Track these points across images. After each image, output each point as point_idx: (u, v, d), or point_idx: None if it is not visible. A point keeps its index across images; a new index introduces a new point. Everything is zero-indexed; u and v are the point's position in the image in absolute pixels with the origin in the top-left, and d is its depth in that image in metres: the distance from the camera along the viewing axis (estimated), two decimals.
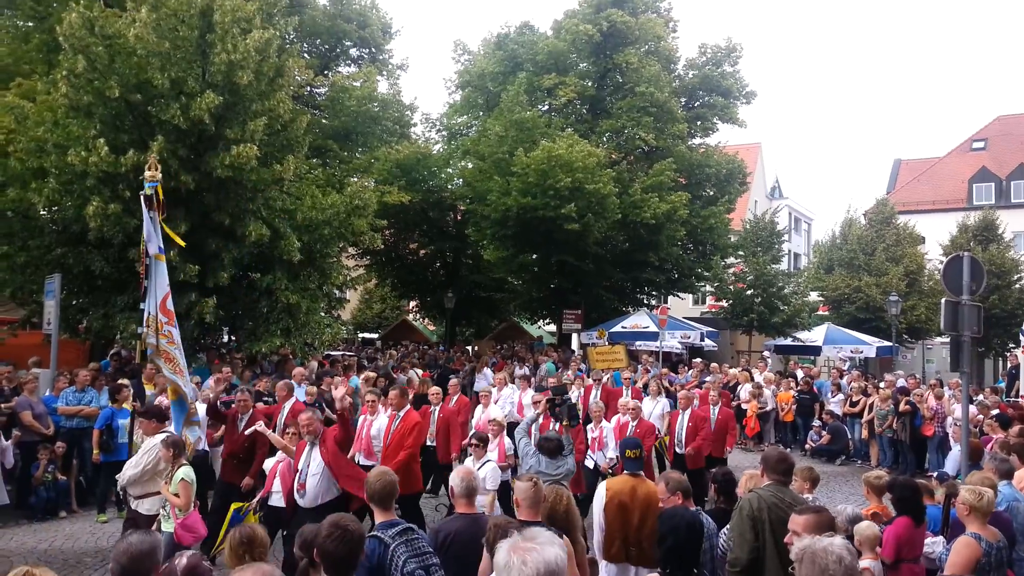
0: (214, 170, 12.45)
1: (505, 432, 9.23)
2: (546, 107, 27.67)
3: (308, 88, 22.26)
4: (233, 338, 15.99)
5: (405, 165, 24.47)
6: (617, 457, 8.70)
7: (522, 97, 24.76)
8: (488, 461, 7.89)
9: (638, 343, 25.27)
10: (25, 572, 3.24)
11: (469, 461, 7.92)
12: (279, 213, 13.67)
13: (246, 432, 8.38)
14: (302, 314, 13.78)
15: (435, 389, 11.32)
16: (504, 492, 8.00)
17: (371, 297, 42.04)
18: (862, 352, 26.12)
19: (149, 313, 8.38)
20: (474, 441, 8.16)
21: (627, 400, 10.83)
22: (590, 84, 27.52)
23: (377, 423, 9.31)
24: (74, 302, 13.41)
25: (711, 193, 27.91)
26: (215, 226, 13.05)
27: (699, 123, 28.63)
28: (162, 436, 7.07)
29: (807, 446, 16.49)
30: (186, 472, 6.60)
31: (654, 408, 12.18)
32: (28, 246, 12.91)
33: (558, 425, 8.45)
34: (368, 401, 9.57)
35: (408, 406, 9.02)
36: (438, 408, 10.83)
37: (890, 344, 27.00)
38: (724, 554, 5.21)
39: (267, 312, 13.53)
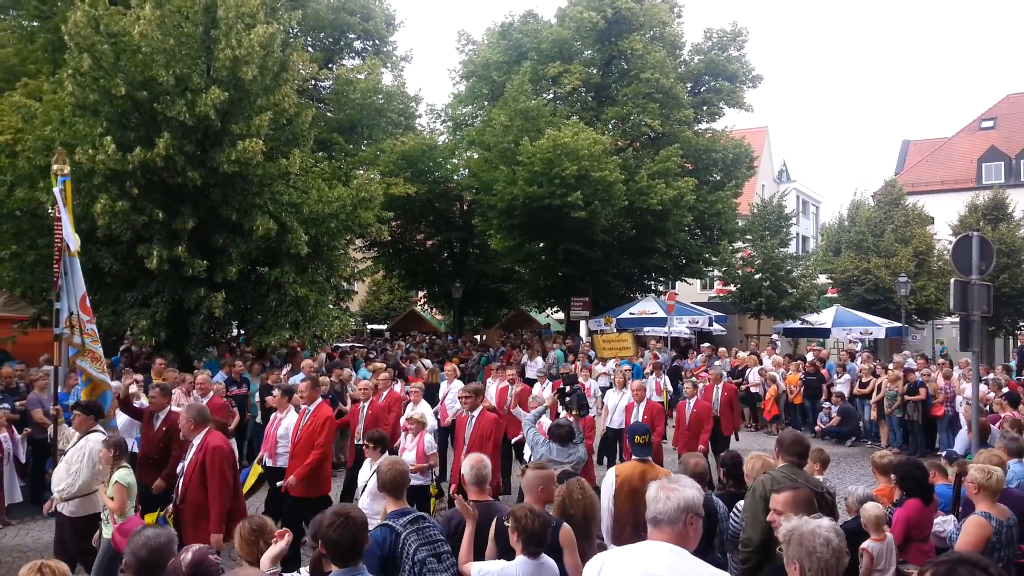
0: (220, 165, 12.51)
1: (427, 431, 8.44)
2: (551, 95, 27.58)
3: (313, 82, 22.29)
4: (242, 332, 16.08)
5: (411, 157, 24.48)
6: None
7: (527, 86, 24.70)
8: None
9: (646, 329, 25.27)
10: (40, 566, 3.29)
11: (367, 464, 6.96)
12: (286, 207, 13.72)
13: (167, 431, 7.91)
14: (311, 307, 13.85)
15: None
16: (422, 494, 7.69)
17: (379, 288, 42.11)
18: (871, 333, 26.06)
19: (70, 312, 8.27)
20: (366, 442, 7.04)
21: (639, 381, 10.73)
22: (595, 71, 27.42)
23: (285, 422, 8.44)
24: None
25: (718, 178, 27.79)
26: (222, 221, 13.12)
27: (705, 108, 28.50)
28: (93, 436, 6.81)
29: (817, 428, 16.51)
30: (121, 475, 6.20)
31: (620, 400, 11.75)
32: (37, 245, 13.02)
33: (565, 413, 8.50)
34: (275, 397, 8.82)
35: (320, 400, 8.15)
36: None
37: (899, 325, 26.92)
38: (734, 535, 5.25)
39: (276, 305, 13.60)
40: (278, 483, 7.83)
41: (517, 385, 11.74)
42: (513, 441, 10.87)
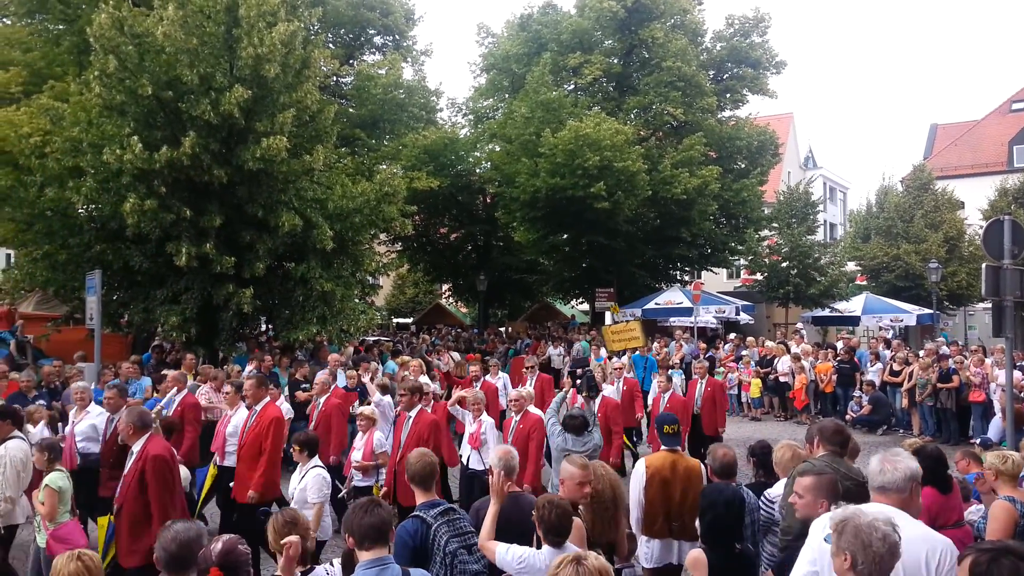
0: (245, 163, 12.61)
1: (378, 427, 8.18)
2: (572, 86, 27.49)
3: (334, 78, 22.40)
4: (270, 327, 16.23)
5: (433, 150, 24.52)
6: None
7: (547, 77, 24.62)
8: (314, 467, 6.43)
9: (672, 319, 25.16)
10: (78, 555, 3.37)
11: (296, 475, 6.56)
12: (310, 203, 13.80)
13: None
14: (337, 301, 13.93)
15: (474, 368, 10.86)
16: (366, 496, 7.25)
17: (404, 282, 42.35)
18: (902, 321, 25.72)
19: None
20: (294, 445, 6.56)
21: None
22: (616, 61, 27.26)
23: (235, 419, 8.17)
24: (115, 297, 13.71)
25: (743, 166, 27.55)
26: (249, 218, 13.24)
27: (728, 95, 28.25)
28: (12, 444, 6.48)
29: (848, 417, 16.34)
30: (53, 478, 5.97)
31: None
32: (68, 244, 13.22)
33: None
34: (225, 394, 8.51)
35: (267, 399, 7.73)
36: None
37: (930, 312, 26.54)
38: (765, 524, 5.20)
39: (303, 301, 13.71)
40: (230, 483, 7.64)
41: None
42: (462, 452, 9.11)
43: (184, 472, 6.85)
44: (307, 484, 6.34)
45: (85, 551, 3.44)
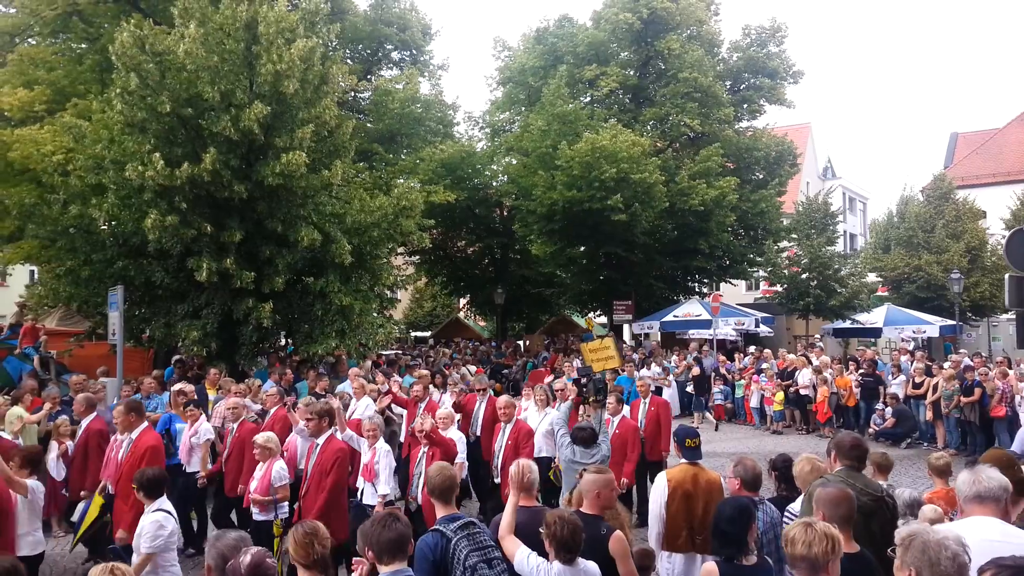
0: (265, 179, 12.73)
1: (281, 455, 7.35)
2: (588, 99, 27.56)
3: (352, 93, 22.58)
4: (290, 341, 16.31)
5: (450, 164, 24.64)
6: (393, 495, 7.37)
7: (563, 90, 24.70)
8: (155, 512, 5.45)
9: (691, 332, 25.01)
10: (112, 568, 3.40)
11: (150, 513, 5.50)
12: (329, 218, 13.89)
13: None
14: (355, 315, 13.99)
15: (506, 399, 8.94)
16: (265, 533, 6.73)
17: (422, 296, 42.46)
18: (924, 332, 25.42)
19: None
20: (135, 485, 5.64)
21: (505, 397, 8.75)
22: (632, 73, 27.31)
23: (125, 446, 7.29)
24: (136, 312, 13.83)
25: (760, 176, 27.45)
26: (268, 233, 13.34)
27: (745, 106, 28.19)
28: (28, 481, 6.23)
29: (871, 430, 16.13)
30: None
31: (541, 422, 9.32)
32: (91, 260, 13.37)
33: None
34: (116, 420, 7.52)
35: (145, 424, 7.18)
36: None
37: (953, 323, 26.22)
38: None
39: (322, 315, 13.77)
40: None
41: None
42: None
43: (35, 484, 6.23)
44: (142, 529, 5.36)
45: (119, 565, 3.48)
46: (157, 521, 5.39)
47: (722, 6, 30.70)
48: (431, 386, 11.24)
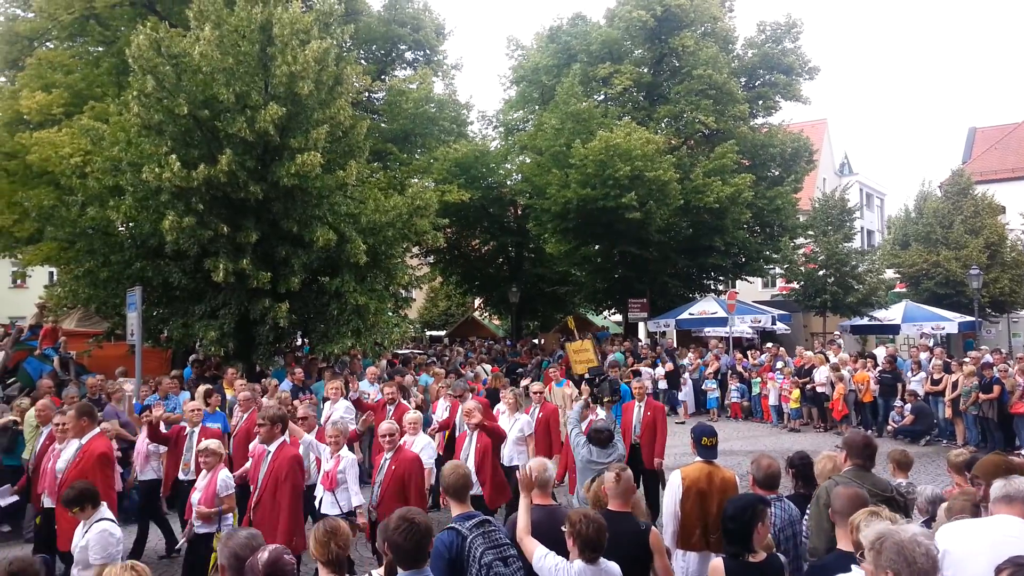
0: (280, 179, 12.80)
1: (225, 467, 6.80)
2: (602, 97, 27.47)
3: (366, 94, 22.65)
4: (306, 341, 16.40)
5: (464, 163, 24.66)
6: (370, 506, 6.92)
7: (577, 88, 24.65)
8: (100, 521, 5.29)
9: (707, 329, 24.92)
10: (131, 566, 3.45)
11: (79, 530, 5.44)
12: (344, 218, 13.95)
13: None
14: (371, 315, 14.04)
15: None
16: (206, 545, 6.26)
17: (436, 295, 42.54)
18: (943, 328, 25.19)
19: None
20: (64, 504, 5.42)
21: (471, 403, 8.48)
22: (646, 70, 27.21)
23: (66, 454, 6.94)
24: (154, 313, 13.94)
25: (776, 173, 27.27)
26: (284, 233, 13.42)
27: (761, 102, 27.99)
28: None
29: (889, 427, 16.00)
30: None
31: (511, 428, 9.00)
32: (109, 261, 13.49)
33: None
34: (56, 425, 7.23)
35: (96, 430, 6.70)
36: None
37: (972, 319, 25.96)
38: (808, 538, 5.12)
39: (337, 314, 13.83)
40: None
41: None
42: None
43: None
44: (90, 542, 5.23)
45: (138, 563, 3.53)
46: (105, 530, 5.25)
47: (737, 2, 30.64)
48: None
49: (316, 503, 7.14)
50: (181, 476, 8.45)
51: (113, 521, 5.39)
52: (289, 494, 6.26)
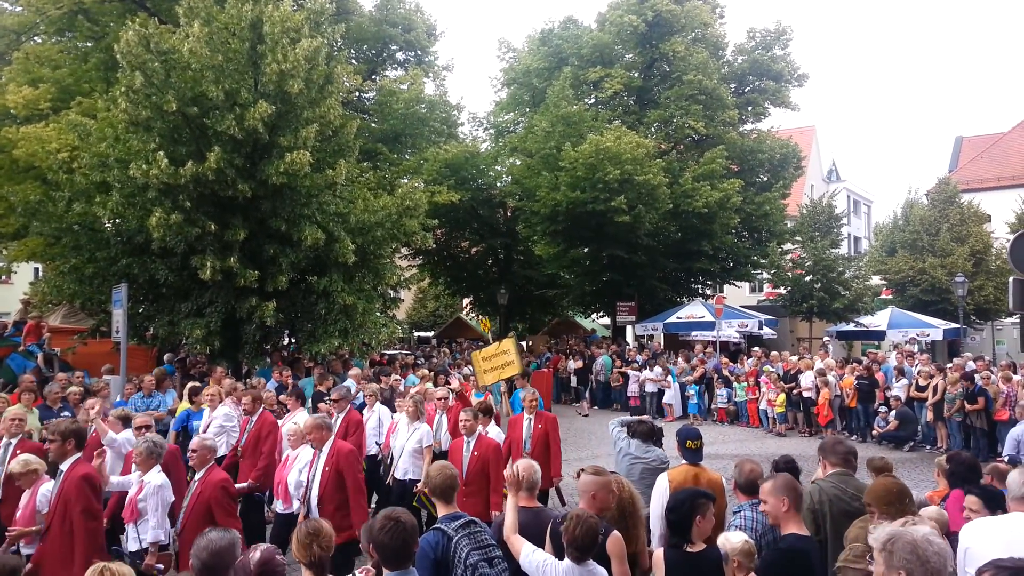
0: (269, 177, 12.74)
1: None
2: (592, 100, 27.56)
3: (357, 93, 22.60)
4: (293, 340, 16.33)
5: (454, 165, 24.65)
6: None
7: (568, 92, 24.70)
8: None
9: (694, 333, 25.00)
10: (102, 569, 3.34)
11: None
12: (333, 217, 13.90)
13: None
14: (358, 315, 13.99)
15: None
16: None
17: (425, 296, 42.50)
18: (928, 335, 25.36)
19: None
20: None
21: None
22: (636, 75, 27.31)
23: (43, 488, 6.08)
24: (140, 310, 13.86)
25: (765, 179, 27.45)
26: (272, 232, 13.36)
27: (750, 108, 28.18)
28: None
29: (873, 432, 16.09)
30: None
31: (409, 438, 8.34)
32: (95, 258, 13.39)
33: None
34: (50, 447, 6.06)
35: (78, 455, 5.71)
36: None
37: (957, 326, 26.16)
38: None
39: (325, 314, 13.77)
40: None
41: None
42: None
43: None
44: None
45: (111, 565, 3.42)
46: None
47: (727, 9, 30.75)
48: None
49: (123, 538, 6.30)
50: None
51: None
52: (82, 524, 5.28)
